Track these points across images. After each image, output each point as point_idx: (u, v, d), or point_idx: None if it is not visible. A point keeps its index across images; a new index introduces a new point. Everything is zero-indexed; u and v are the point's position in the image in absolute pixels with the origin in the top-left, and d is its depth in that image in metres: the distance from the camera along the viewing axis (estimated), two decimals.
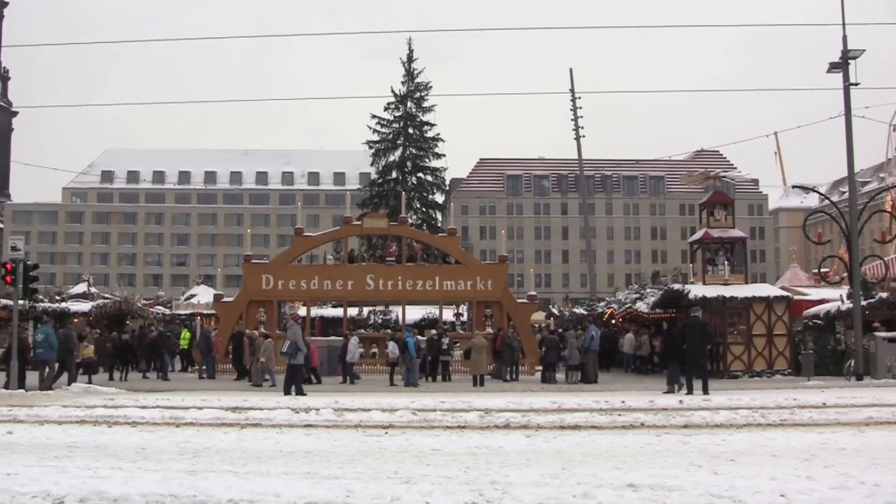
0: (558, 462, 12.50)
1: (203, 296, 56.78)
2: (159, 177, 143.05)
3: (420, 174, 73.82)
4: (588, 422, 17.44)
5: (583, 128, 70.74)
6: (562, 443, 14.70)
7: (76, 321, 38.92)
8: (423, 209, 72.50)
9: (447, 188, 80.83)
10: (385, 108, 74.20)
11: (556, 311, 62.05)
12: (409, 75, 74.27)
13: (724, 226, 37.23)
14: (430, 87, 74.54)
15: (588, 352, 32.94)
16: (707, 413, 18.52)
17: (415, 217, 67.83)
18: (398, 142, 73.76)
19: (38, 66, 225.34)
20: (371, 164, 76.67)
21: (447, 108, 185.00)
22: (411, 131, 73.80)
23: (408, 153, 73.45)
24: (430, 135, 74.21)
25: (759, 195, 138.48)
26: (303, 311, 42.79)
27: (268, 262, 43.18)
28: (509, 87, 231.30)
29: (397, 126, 74.03)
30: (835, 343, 34.78)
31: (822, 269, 43.16)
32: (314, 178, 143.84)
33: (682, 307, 35.04)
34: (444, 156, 74.40)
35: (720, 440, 14.85)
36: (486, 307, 38.88)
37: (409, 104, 74.08)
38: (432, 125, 74.54)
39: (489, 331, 37.40)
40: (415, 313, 44.58)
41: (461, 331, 41.55)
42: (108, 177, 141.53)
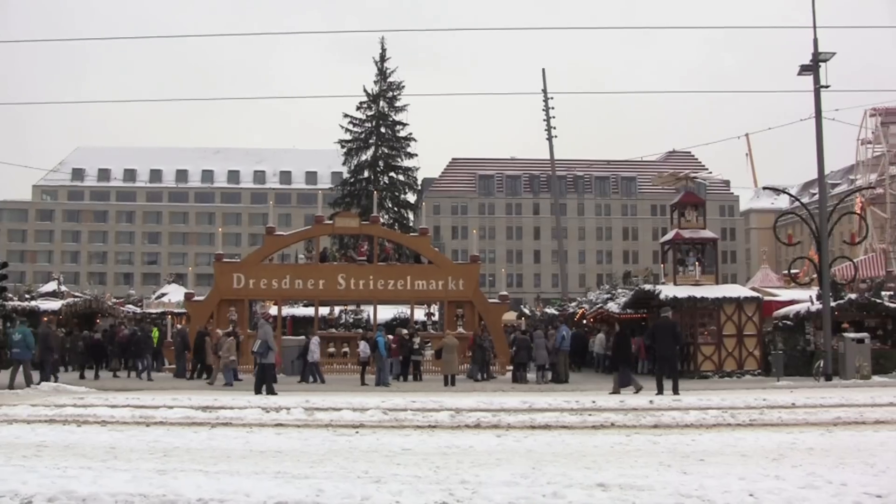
0: (528, 462, 12.54)
1: (174, 294, 56.47)
2: (130, 175, 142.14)
3: (392, 174, 73.75)
4: (558, 421, 17.49)
5: (555, 128, 70.65)
6: (532, 442, 14.74)
7: (45, 319, 38.73)
8: (395, 209, 72.46)
9: (419, 188, 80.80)
10: (357, 108, 74.15)
11: (527, 311, 62.10)
12: (382, 75, 74.20)
13: (695, 226, 37.36)
14: (403, 86, 74.59)
15: (559, 352, 32.98)
16: (677, 413, 18.61)
17: (386, 217, 67.81)
18: (370, 141, 73.66)
19: (8, 63, 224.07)
20: (343, 164, 76.45)
21: (420, 108, 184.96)
22: (384, 131, 73.74)
23: (380, 152, 73.36)
24: (402, 134, 74.19)
25: (731, 196, 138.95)
26: (274, 310, 42.69)
27: (239, 260, 43.00)
28: (481, 87, 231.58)
29: (370, 125, 73.92)
30: (804, 344, 34.96)
31: (793, 270, 43.35)
32: (286, 177, 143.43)
33: (653, 307, 35.20)
34: (417, 155, 74.40)
35: (690, 440, 14.92)
36: (458, 307, 38.94)
37: (382, 103, 74.01)
38: (404, 125, 74.57)
39: (461, 330, 37.48)
40: (386, 313, 44.52)
41: (432, 331, 41.53)
42: (78, 174, 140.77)
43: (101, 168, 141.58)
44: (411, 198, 75.75)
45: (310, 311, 43.17)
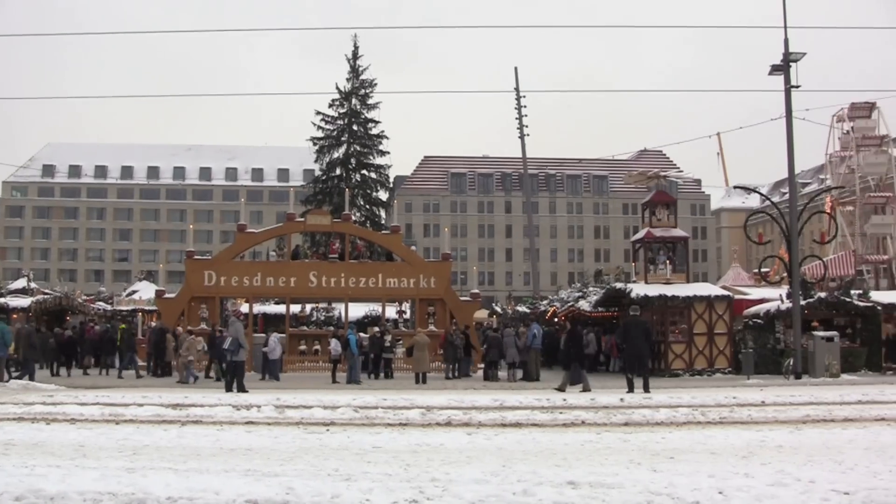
0: (499, 460, 12.55)
1: (145, 292, 56.11)
2: (101, 171, 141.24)
3: (364, 171, 73.70)
4: (529, 419, 17.50)
5: (527, 126, 70.81)
6: (503, 440, 14.76)
7: (14, 317, 38.51)
8: (367, 206, 72.44)
9: (391, 185, 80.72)
10: (330, 105, 74.06)
11: (499, 309, 62.15)
12: (355, 72, 74.13)
13: (666, 225, 37.47)
14: (375, 84, 74.56)
15: (530, 350, 33.04)
16: (647, 411, 18.66)
17: (358, 214, 67.83)
18: (342, 139, 73.59)
19: None
20: (315, 161, 76.37)
21: (392, 106, 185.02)
22: (356, 128, 73.68)
23: (352, 150, 73.31)
24: (374, 132, 74.18)
25: (702, 195, 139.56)
26: (245, 307, 42.59)
27: (210, 258, 42.91)
28: (454, 86, 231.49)
29: (342, 123, 73.85)
30: (774, 342, 35.14)
31: (763, 269, 43.57)
32: (258, 174, 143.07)
33: (624, 306, 35.30)
34: (389, 153, 74.37)
35: (660, 438, 14.96)
36: (429, 305, 38.97)
37: (354, 101, 73.92)
38: (377, 122, 74.57)
39: (432, 328, 37.54)
40: (358, 310, 44.47)
41: (404, 328, 41.52)
42: (49, 171, 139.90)
43: (72, 164, 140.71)
44: (383, 195, 75.74)
45: (281, 309, 43.06)
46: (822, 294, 36.57)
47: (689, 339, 34.58)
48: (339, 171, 73.07)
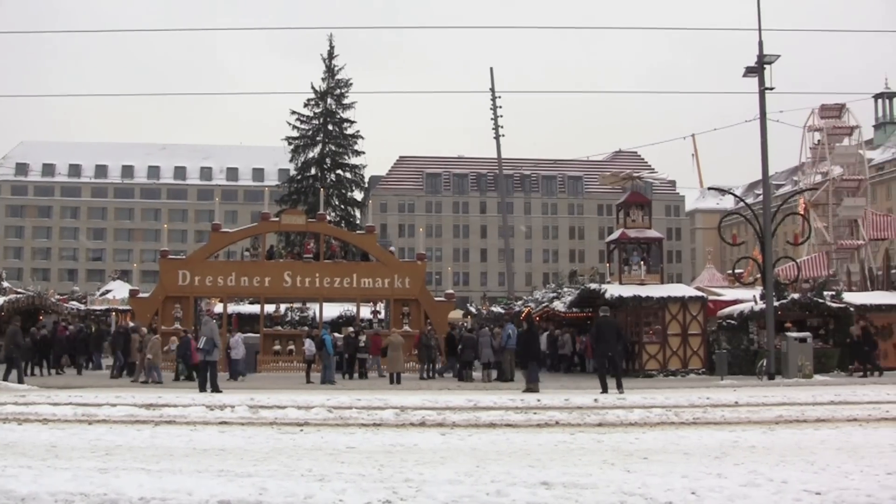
0: (473, 460, 12.55)
1: (119, 291, 56.06)
2: (75, 170, 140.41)
3: (339, 171, 73.75)
4: (503, 420, 17.52)
5: (502, 127, 70.82)
6: (477, 441, 14.76)
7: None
8: (342, 206, 72.49)
9: (366, 185, 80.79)
10: (305, 105, 74.09)
11: (473, 309, 62.17)
12: (330, 72, 74.17)
13: (640, 226, 37.51)
14: (351, 83, 74.67)
15: (505, 350, 33.05)
16: (621, 412, 18.71)
17: (333, 214, 67.83)
18: (318, 138, 73.63)
19: None
20: (290, 161, 76.37)
21: (367, 106, 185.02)
22: (331, 128, 73.72)
23: (327, 150, 73.33)
24: (349, 132, 74.30)
25: (676, 196, 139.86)
26: (219, 307, 42.46)
27: (185, 257, 42.78)
28: (429, 86, 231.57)
29: (317, 123, 73.89)
30: (748, 343, 35.23)
31: (737, 270, 43.80)
32: (233, 173, 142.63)
33: (598, 307, 35.37)
34: (364, 153, 74.66)
35: (634, 438, 15.00)
36: (404, 305, 38.98)
37: (330, 101, 73.97)
38: (352, 122, 74.72)
39: (407, 329, 37.55)
40: (332, 310, 44.40)
41: (378, 328, 41.47)
42: (22, 169, 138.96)
43: (46, 163, 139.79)
44: (358, 195, 75.84)
45: (255, 309, 42.98)
46: (796, 295, 36.73)
47: (663, 339, 34.65)
48: (314, 171, 73.09)
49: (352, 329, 36.21)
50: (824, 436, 15.09)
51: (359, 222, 70.58)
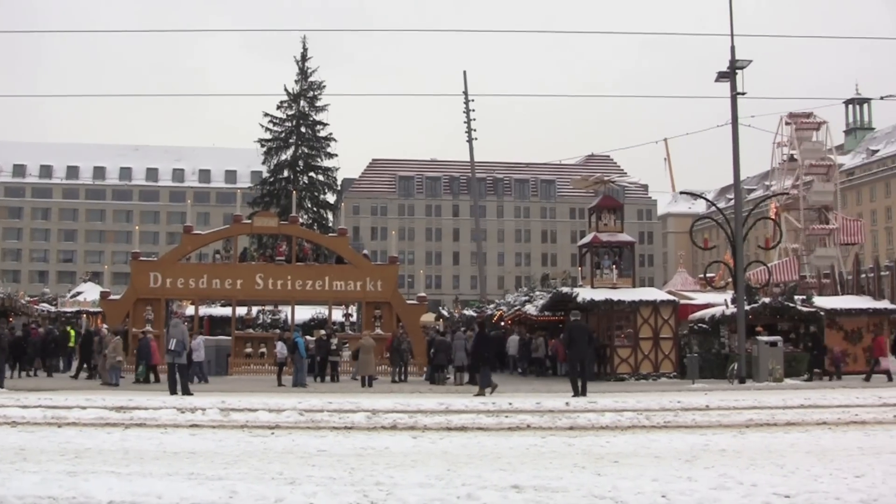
0: (444, 463, 12.53)
1: (90, 293, 55.82)
2: (46, 171, 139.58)
3: (312, 173, 73.66)
4: (475, 423, 17.50)
5: (475, 130, 71.11)
6: (448, 444, 14.74)
7: None
8: (315, 209, 72.39)
9: (339, 188, 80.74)
10: (278, 107, 73.96)
11: (445, 312, 62.23)
12: (303, 74, 74.05)
13: (612, 230, 37.61)
14: (324, 86, 74.56)
15: None
16: (593, 415, 18.70)
17: (306, 217, 67.71)
18: (290, 141, 73.49)
19: None
20: (263, 163, 76.15)
21: (340, 108, 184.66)
22: (304, 130, 73.62)
23: (300, 152, 73.21)
24: (322, 134, 74.18)
25: (649, 200, 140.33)
26: (191, 309, 42.32)
27: (156, 259, 42.64)
28: (403, 88, 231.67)
29: (290, 125, 73.75)
30: (719, 346, 35.42)
31: (708, 274, 43.92)
32: (205, 175, 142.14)
33: (570, 310, 35.43)
34: (337, 155, 74.43)
35: (605, 442, 15.01)
36: (376, 308, 38.95)
37: (303, 103, 73.88)
38: (325, 125, 74.65)
39: (379, 331, 37.51)
40: (304, 313, 44.35)
41: (350, 331, 41.42)
42: None
43: (16, 164, 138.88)
44: (331, 198, 75.79)
45: (227, 311, 42.86)
46: (767, 299, 36.91)
47: (634, 343, 34.77)
48: (286, 173, 72.93)
49: (324, 332, 36.16)
50: (794, 439, 15.15)
51: (331, 225, 70.42)
